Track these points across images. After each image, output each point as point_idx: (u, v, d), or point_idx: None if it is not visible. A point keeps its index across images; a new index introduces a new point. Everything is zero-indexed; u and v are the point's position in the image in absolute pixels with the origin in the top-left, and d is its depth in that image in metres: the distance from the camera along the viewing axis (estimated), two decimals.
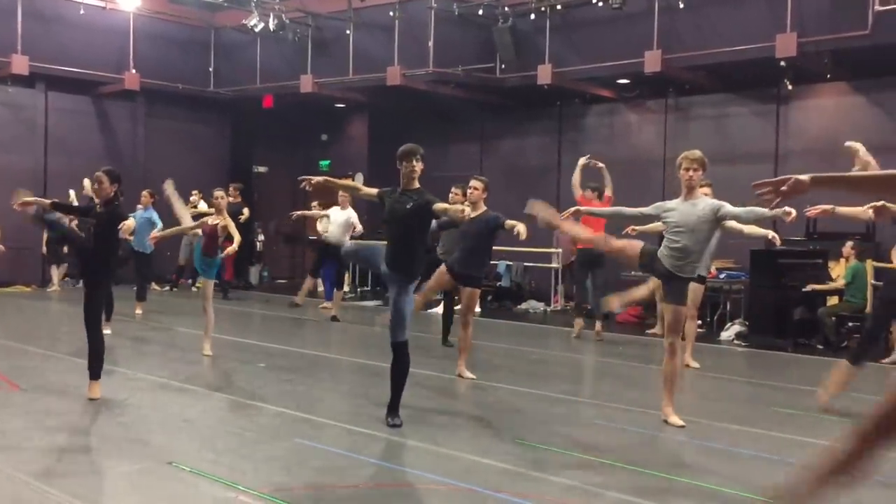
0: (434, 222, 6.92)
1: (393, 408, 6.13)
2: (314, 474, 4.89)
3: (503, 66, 14.40)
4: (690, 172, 6.11)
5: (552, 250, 14.46)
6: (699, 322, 12.17)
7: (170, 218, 11.42)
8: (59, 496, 4.40)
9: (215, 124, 18.57)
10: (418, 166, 6.14)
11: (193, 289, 16.18)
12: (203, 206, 15.70)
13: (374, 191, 6.44)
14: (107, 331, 7.59)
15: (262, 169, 19.18)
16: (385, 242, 6.31)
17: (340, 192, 12.34)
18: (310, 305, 14.90)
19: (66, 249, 14.89)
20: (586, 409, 6.87)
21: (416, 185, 6.16)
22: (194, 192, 15.90)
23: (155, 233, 10.03)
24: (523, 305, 14.31)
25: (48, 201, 6.95)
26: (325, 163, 18.40)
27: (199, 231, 8.90)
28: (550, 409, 6.84)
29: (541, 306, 14.34)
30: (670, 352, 6.19)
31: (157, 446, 5.51)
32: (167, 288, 15.89)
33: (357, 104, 16.99)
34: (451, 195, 9.39)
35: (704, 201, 6.14)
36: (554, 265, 14.64)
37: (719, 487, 4.82)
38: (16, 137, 15.96)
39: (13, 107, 15.66)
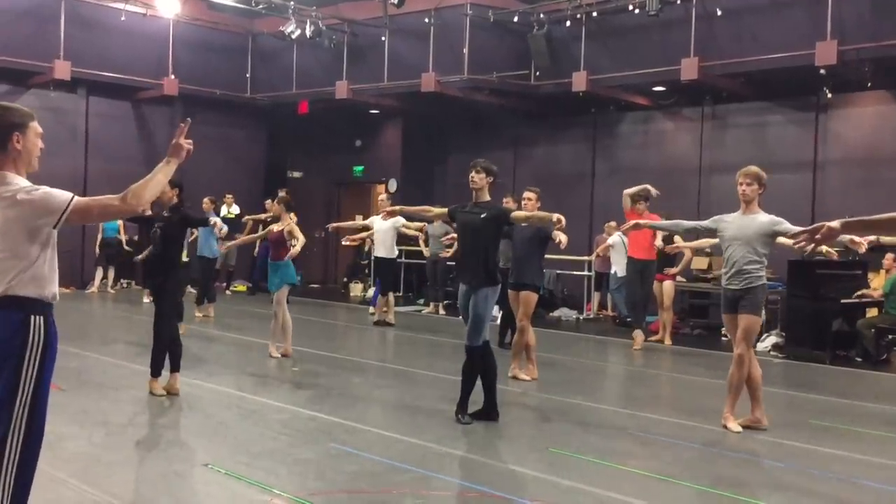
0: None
1: (462, 406, 6.39)
2: (348, 479, 4.90)
3: (538, 73, 14.37)
4: (744, 187, 6.25)
5: (585, 258, 14.37)
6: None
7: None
8: (98, 495, 4.45)
9: (251, 129, 18.76)
10: (477, 177, 6.35)
11: (227, 292, 16.32)
12: (235, 209, 15.84)
13: (444, 210, 6.77)
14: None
15: (296, 174, 19.33)
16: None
17: (380, 200, 12.50)
18: (345, 310, 14.98)
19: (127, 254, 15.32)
20: (620, 419, 6.81)
21: (486, 197, 6.41)
22: (228, 195, 16.06)
23: (229, 243, 10.97)
24: (556, 313, 14.24)
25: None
26: (359, 168, 18.50)
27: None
28: (584, 417, 6.79)
29: (573, 314, 14.25)
30: (738, 362, 6.27)
31: (193, 448, 5.57)
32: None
33: (391, 110, 17.06)
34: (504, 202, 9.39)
35: (763, 216, 6.22)
36: (587, 273, 14.55)
37: (755, 500, 4.75)
38: (57, 141, 16.18)
39: (55, 111, 15.93)
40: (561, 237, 7.81)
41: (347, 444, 5.63)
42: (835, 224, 3.09)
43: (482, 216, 6.29)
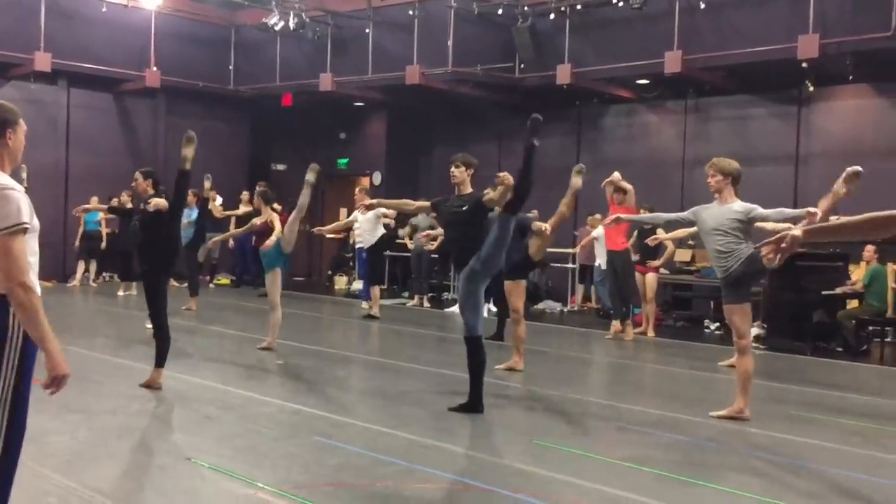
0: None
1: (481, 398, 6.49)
2: (333, 472, 4.90)
3: (522, 65, 14.38)
4: (709, 178, 6.42)
5: (569, 250, 14.42)
6: (717, 324, 12.11)
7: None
8: (80, 490, 4.43)
9: (235, 122, 18.67)
10: (457, 172, 6.53)
11: (211, 286, 16.26)
12: (219, 200, 15.76)
13: (426, 203, 6.88)
14: (148, 324, 7.70)
15: (280, 167, 19.26)
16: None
17: (356, 193, 12.61)
18: (330, 303, 14.95)
19: (103, 246, 15.24)
20: (604, 410, 6.84)
21: (468, 189, 6.57)
22: (211, 190, 15.93)
23: (214, 239, 10.96)
24: (540, 305, 14.28)
25: (105, 206, 8.11)
26: (343, 161, 18.45)
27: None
28: (568, 409, 6.82)
29: (558, 306, 14.30)
30: (744, 351, 6.35)
31: (176, 442, 5.55)
32: (185, 284, 15.99)
33: (376, 103, 17.03)
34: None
35: (737, 204, 6.33)
36: (571, 265, 14.59)
37: (739, 490, 4.79)
38: (38, 134, 16.04)
39: (36, 103, 15.78)
40: (543, 224, 8.00)
41: (332, 437, 5.63)
42: (797, 232, 3.19)
43: (463, 208, 6.43)
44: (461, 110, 16.41)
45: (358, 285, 15.59)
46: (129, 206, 13.88)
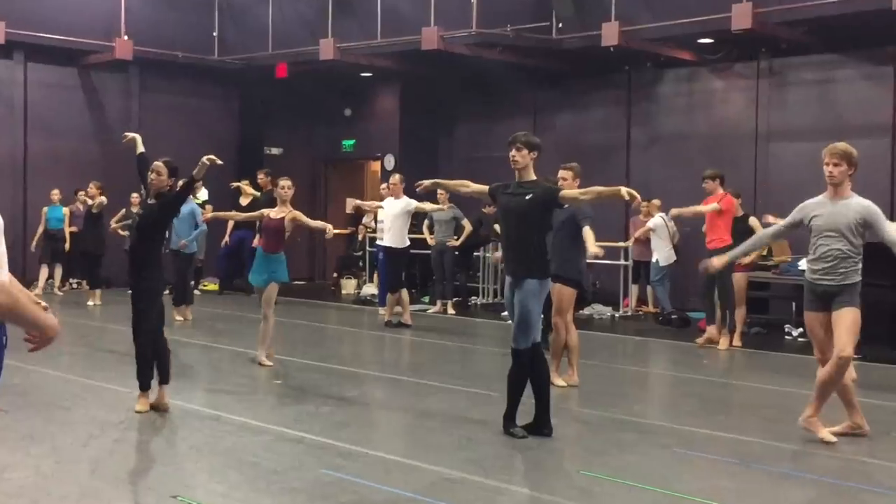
0: None
1: (509, 417, 6.53)
2: None
3: (560, 24, 14.34)
4: (830, 167, 6.30)
5: (621, 244, 14.37)
6: (800, 330, 12.03)
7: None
8: None
9: (221, 98, 18.78)
10: (519, 156, 6.47)
11: (197, 291, 16.36)
12: (204, 194, 15.84)
13: (485, 187, 6.83)
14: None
15: (275, 150, 19.34)
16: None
17: (391, 180, 12.64)
18: (336, 311, 15.01)
19: (67, 248, 15.37)
20: (663, 435, 6.82)
21: (532, 175, 6.51)
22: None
23: (209, 213, 10.46)
24: (587, 310, 14.24)
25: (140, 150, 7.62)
26: (349, 143, 18.53)
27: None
28: (621, 434, 6.80)
29: (608, 311, 14.27)
30: (842, 365, 6.33)
31: (159, 477, 5.59)
32: (166, 292, 16.11)
33: (387, 73, 17.05)
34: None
35: (855, 201, 6.29)
36: (623, 262, 14.55)
37: None
38: None
39: None
40: (596, 249, 7.90)
41: (342, 469, 5.66)
42: None
43: (527, 197, 6.37)
44: (488, 80, 16.38)
45: (369, 289, 15.66)
46: (97, 200, 13.98)
